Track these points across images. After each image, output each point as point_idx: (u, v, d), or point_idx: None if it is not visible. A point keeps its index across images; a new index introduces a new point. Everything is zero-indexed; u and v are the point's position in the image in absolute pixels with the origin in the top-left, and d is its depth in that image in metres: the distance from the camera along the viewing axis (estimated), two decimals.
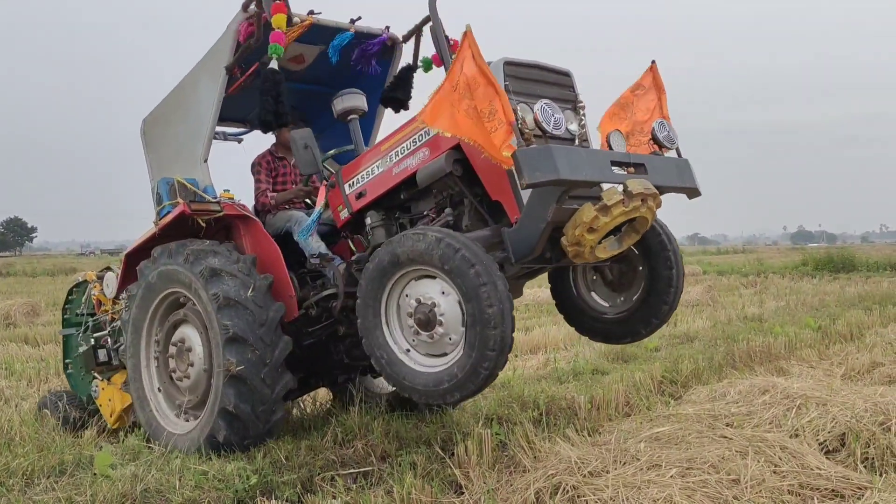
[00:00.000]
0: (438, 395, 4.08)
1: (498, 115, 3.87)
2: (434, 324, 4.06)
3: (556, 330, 11.31)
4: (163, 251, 5.47)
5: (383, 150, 4.98)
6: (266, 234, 5.54)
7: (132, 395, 5.71)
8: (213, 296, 4.96)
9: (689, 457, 4.22)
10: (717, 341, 9.88)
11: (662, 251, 4.83)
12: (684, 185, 4.45)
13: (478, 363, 3.85)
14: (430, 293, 4.08)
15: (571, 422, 5.77)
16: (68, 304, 7.10)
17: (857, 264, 25.15)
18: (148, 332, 5.64)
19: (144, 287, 5.57)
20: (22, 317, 15.23)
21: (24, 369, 9.19)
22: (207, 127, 5.50)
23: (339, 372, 6.30)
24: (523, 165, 3.76)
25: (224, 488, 4.36)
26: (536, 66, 4.51)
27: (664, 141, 4.50)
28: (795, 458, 4.30)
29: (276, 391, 5.03)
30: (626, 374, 7.66)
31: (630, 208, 3.99)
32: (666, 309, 4.89)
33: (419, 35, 6.13)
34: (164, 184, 5.67)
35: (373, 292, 4.27)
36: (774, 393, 5.62)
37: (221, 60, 5.40)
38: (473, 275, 3.81)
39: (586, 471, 4.14)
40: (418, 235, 4.07)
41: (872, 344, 8.83)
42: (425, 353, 4.21)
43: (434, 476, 4.61)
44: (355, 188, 5.17)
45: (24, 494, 4.27)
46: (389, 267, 4.19)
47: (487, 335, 3.80)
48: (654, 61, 4.79)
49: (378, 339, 4.28)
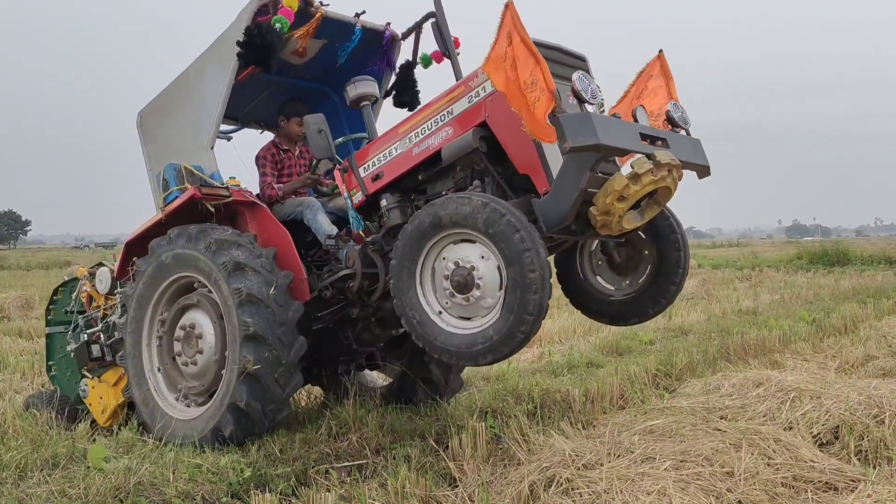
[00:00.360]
0: (471, 357, 4.17)
1: (539, 84, 3.97)
2: (471, 287, 4.14)
3: (551, 323, 11.30)
4: (181, 233, 5.35)
5: (402, 132, 5.03)
6: (274, 219, 5.53)
7: (129, 372, 5.61)
8: (236, 290, 4.91)
9: (683, 449, 4.23)
10: (711, 334, 9.89)
11: (671, 234, 4.95)
12: (699, 163, 4.56)
13: (515, 326, 3.95)
14: (470, 257, 4.17)
15: (566, 415, 5.78)
16: (53, 304, 6.97)
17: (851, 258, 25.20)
18: (153, 310, 5.55)
19: (156, 265, 5.46)
20: (16, 310, 15.18)
21: (18, 362, 9.16)
22: (215, 114, 5.48)
23: (344, 359, 6.29)
24: (567, 129, 3.88)
25: (218, 481, 4.35)
26: (558, 49, 4.58)
27: (679, 121, 4.62)
28: (789, 451, 4.31)
29: (286, 391, 5.04)
30: (620, 367, 7.66)
31: (658, 177, 4.09)
32: (674, 289, 4.98)
33: (419, 32, 6.14)
34: (172, 169, 5.63)
35: (410, 253, 4.33)
36: (768, 386, 5.63)
37: (234, 47, 5.37)
38: (518, 240, 3.91)
39: (580, 463, 4.14)
40: (463, 199, 4.15)
41: (866, 337, 8.83)
42: (458, 316, 4.28)
43: (428, 469, 4.61)
44: (371, 171, 5.18)
45: (18, 487, 4.26)
46: (430, 229, 4.26)
47: (527, 299, 3.90)
48: (662, 50, 4.90)
49: (411, 299, 4.34)
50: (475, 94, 4.63)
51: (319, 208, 5.64)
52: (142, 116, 6.31)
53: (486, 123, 4.56)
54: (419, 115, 4.97)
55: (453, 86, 4.88)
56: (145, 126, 6.26)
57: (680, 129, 4.64)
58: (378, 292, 5.15)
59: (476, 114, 4.61)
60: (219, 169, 5.53)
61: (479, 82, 4.61)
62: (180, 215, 5.52)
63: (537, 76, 3.98)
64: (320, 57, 6.02)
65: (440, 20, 5.62)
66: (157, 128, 6.16)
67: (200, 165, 5.52)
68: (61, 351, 6.76)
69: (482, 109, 4.58)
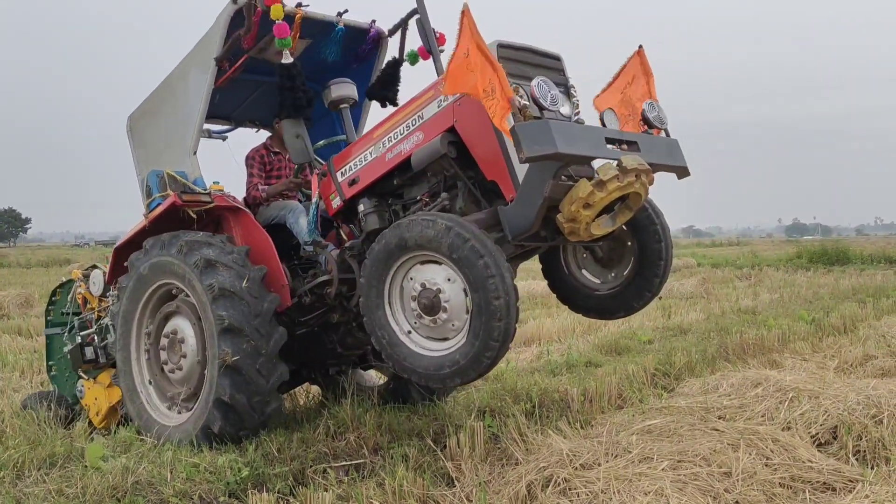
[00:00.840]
0: (438, 380, 4.12)
1: (497, 92, 3.90)
2: (438, 309, 4.09)
3: (549, 322, 11.30)
4: (155, 242, 5.44)
5: (376, 137, 4.99)
6: (257, 225, 5.52)
7: (122, 387, 5.68)
8: (208, 287, 4.94)
9: (680, 449, 4.23)
10: (710, 334, 9.88)
11: (650, 225, 4.88)
12: (675, 164, 4.50)
13: (481, 352, 3.90)
14: (436, 279, 4.11)
15: (564, 414, 5.78)
16: (52, 305, 7.02)
17: (851, 257, 25.19)
18: (139, 324, 5.61)
19: (136, 279, 5.53)
20: (15, 308, 15.20)
21: (17, 361, 9.16)
22: (196, 119, 5.48)
23: (332, 362, 6.29)
24: (522, 139, 3.79)
25: (215, 480, 4.35)
26: (529, 50, 4.53)
27: (654, 121, 4.54)
28: (787, 451, 4.31)
29: (270, 382, 5.02)
30: (619, 366, 7.66)
31: (625, 183, 4.03)
32: (657, 282, 4.92)
33: (405, 29, 6.11)
34: (154, 176, 5.64)
35: (377, 273, 4.29)
36: (767, 386, 5.64)
37: (211, 52, 5.37)
38: (482, 266, 3.84)
39: (578, 463, 4.14)
40: (427, 222, 4.07)
41: (866, 337, 8.84)
42: (427, 336, 4.23)
43: (426, 468, 4.62)
44: (347, 175, 5.16)
45: (15, 487, 4.26)
46: (396, 250, 4.21)
47: (492, 326, 3.84)
48: (641, 46, 4.83)
49: (380, 319, 4.30)
50: (444, 98, 4.53)
51: (302, 212, 5.62)
52: (131, 121, 6.31)
53: (454, 128, 4.48)
54: (392, 120, 4.92)
55: (424, 89, 4.79)
56: (134, 130, 6.26)
57: (656, 131, 4.57)
58: (356, 297, 5.07)
59: (445, 119, 4.53)
60: (202, 174, 5.52)
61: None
62: (164, 222, 5.55)
63: (495, 83, 3.91)
64: (307, 56, 5.95)
65: (423, 17, 5.59)
66: (144, 132, 6.17)
67: (184, 171, 5.52)
68: (60, 352, 6.78)
69: (451, 114, 4.50)
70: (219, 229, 5.70)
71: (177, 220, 5.50)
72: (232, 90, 5.72)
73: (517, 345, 10.06)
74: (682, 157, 4.57)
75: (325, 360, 6.16)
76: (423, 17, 5.55)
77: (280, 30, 5.02)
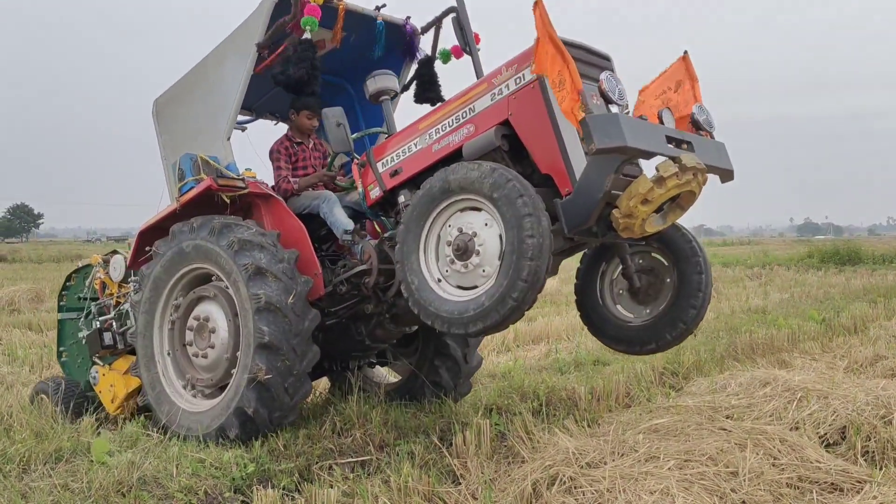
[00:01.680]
0: (461, 324, 4.11)
1: (567, 85, 3.94)
2: (471, 253, 4.15)
3: (558, 320, 11.28)
4: (205, 224, 5.31)
5: (421, 129, 5.00)
6: (289, 212, 5.52)
7: (139, 351, 5.63)
8: (255, 296, 4.86)
9: (687, 449, 4.20)
10: (719, 333, 9.83)
11: (693, 256, 4.89)
12: (723, 167, 4.52)
13: (507, 292, 3.91)
14: (473, 224, 4.19)
15: (571, 413, 5.76)
16: (65, 290, 7.01)
17: (863, 257, 25.01)
18: (168, 294, 5.54)
19: (176, 251, 5.44)
20: (26, 303, 15.25)
21: (27, 355, 9.20)
22: (233, 104, 5.46)
23: (357, 354, 6.27)
24: (594, 130, 3.83)
25: (221, 476, 4.36)
26: (583, 48, 4.54)
27: (703, 124, 4.58)
28: (795, 451, 4.28)
29: (294, 399, 5.00)
30: (627, 365, 7.64)
31: (683, 181, 4.05)
32: (693, 314, 4.86)
33: (439, 27, 6.12)
34: (188, 159, 5.61)
35: (417, 218, 4.35)
36: (775, 385, 5.60)
37: (252, 37, 5.36)
38: (521, 204, 3.90)
39: (584, 462, 4.12)
40: (473, 164, 4.19)
41: (876, 337, 8.79)
42: (456, 285, 4.27)
43: (432, 466, 4.61)
44: (389, 167, 5.16)
45: (21, 481, 4.26)
46: (439, 194, 4.28)
47: (522, 265, 3.86)
48: (686, 51, 4.84)
49: (413, 264, 4.35)
50: (498, 91, 4.55)
51: (336, 202, 5.60)
52: (157, 105, 6.28)
53: (508, 122, 4.50)
54: (440, 112, 4.93)
55: (476, 82, 4.82)
56: (161, 115, 6.23)
57: (704, 133, 4.59)
58: (394, 288, 5.12)
59: (499, 112, 4.55)
60: (235, 160, 5.51)
61: (502, 79, 4.54)
62: (195, 205, 5.52)
63: (565, 76, 3.96)
64: (338, 50, 5.94)
65: (461, 15, 5.60)
66: (173, 117, 6.14)
67: (216, 156, 5.50)
68: (73, 337, 6.80)
69: (505, 107, 4.51)
70: (249, 215, 5.66)
71: (208, 205, 5.47)
72: (256, 82, 5.73)
73: (525, 342, 10.05)
74: (728, 161, 4.59)
75: (349, 352, 6.13)
76: (461, 16, 5.57)
77: (311, 9, 5.07)
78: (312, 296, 5.21)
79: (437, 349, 6.23)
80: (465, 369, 6.33)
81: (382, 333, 5.70)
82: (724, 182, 4.65)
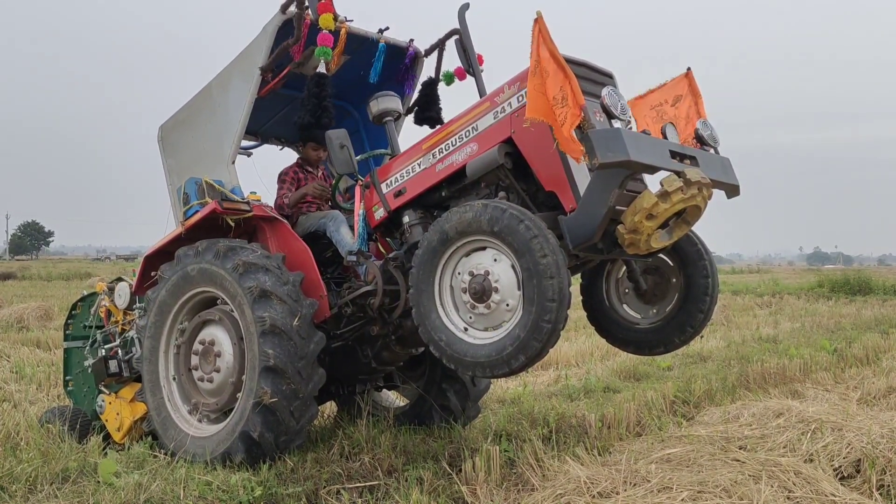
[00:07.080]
0: (503, 363, 4.01)
1: (568, 101, 3.92)
2: (490, 292, 4.09)
3: (567, 346, 11.22)
4: (210, 247, 5.30)
5: (425, 149, 5.01)
6: (294, 234, 5.52)
7: (144, 377, 5.60)
8: (259, 319, 4.84)
9: (700, 480, 4.14)
10: (730, 362, 9.76)
11: (699, 260, 4.89)
12: (728, 182, 4.50)
13: (539, 317, 3.84)
14: (483, 262, 4.15)
15: (581, 440, 5.70)
16: (71, 319, 6.98)
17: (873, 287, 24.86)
18: (174, 319, 5.53)
19: (181, 275, 5.43)
20: (35, 320, 15.27)
21: (35, 373, 9.19)
22: (237, 128, 5.48)
23: (363, 377, 6.23)
24: (597, 145, 3.82)
25: (228, 499, 4.31)
26: (585, 65, 4.54)
27: (708, 139, 4.57)
28: (809, 484, 4.21)
29: (301, 423, 4.98)
30: (638, 392, 7.57)
31: (688, 195, 4.02)
32: (701, 317, 4.88)
33: (442, 49, 6.15)
34: (193, 183, 5.64)
35: (425, 275, 4.30)
36: (789, 416, 5.53)
37: (256, 61, 5.40)
38: (524, 229, 3.88)
39: (595, 491, 4.07)
40: (464, 207, 4.17)
41: (889, 368, 8.70)
42: (483, 328, 4.20)
43: (441, 492, 4.55)
44: (393, 187, 5.17)
45: (27, 501, 4.23)
46: (439, 245, 4.24)
47: (545, 285, 3.81)
48: (690, 68, 4.88)
49: (434, 322, 4.27)
50: (501, 109, 4.57)
51: (343, 222, 5.61)
52: (163, 131, 6.33)
53: (511, 139, 4.51)
54: (443, 132, 4.94)
55: (478, 101, 4.83)
56: (166, 140, 6.27)
57: (709, 148, 4.59)
58: (399, 309, 5.10)
59: (502, 130, 4.56)
60: (240, 184, 5.53)
61: (504, 98, 4.56)
62: (200, 229, 5.52)
63: (567, 92, 3.94)
64: (341, 73, 5.95)
65: (464, 37, 5.62)
66: (178, 142, 6.17)
67: (221, 180, 5.51)
68: (79, 366, 6.75)
69: (508, 125, 4.53)
70: (254, 238, 5.66)
71: (213, 229, 5.47)
72: (262, 105, 5.74)
73: (535, 368, 9.98)
74: (734, 176, 4.57)
75: (356, 375, 6.09)
76: (464, 38, 5.59)
77: (324, 38, 5.07)
78: (318, 318, 5.19)
79: (445, 372, 6.19)
80: (474, 392, 6.29)
81: (389, 356, 5.67)
82: (731, 197, 4.62)
